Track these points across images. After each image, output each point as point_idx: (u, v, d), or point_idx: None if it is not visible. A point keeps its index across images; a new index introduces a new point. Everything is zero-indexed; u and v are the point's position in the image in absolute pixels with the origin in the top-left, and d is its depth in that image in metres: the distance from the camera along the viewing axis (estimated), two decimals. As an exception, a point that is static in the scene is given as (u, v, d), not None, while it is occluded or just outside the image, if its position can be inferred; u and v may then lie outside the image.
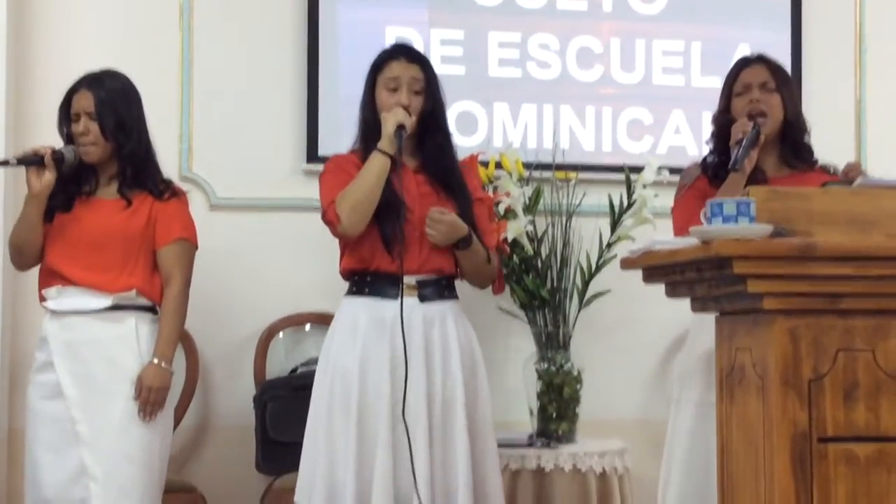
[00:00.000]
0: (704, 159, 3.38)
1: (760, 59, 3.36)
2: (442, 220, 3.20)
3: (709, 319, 3.06)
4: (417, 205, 3.24)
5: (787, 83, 3.33)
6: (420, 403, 3.14)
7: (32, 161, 3.24)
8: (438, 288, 3.28)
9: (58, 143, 3.36)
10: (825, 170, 3.32)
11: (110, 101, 3.31)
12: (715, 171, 3.29)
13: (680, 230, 3.18)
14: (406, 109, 3.22)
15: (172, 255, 3.34)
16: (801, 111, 3.36)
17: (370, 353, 3.18)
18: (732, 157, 3.09)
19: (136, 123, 3.35)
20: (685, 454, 3.20)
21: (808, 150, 3.35)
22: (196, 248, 3.43)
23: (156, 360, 3.25)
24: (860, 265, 2.30)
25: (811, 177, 3.22)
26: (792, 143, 3.32)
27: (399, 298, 3.17)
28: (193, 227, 3.42)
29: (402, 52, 3.35)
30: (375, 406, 3.14)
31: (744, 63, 3.36)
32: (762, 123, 3.18)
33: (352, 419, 3.14)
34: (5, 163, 3.29)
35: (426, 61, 3.36)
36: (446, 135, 3.36)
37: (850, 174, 3.11)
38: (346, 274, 3.33)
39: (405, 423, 3.09)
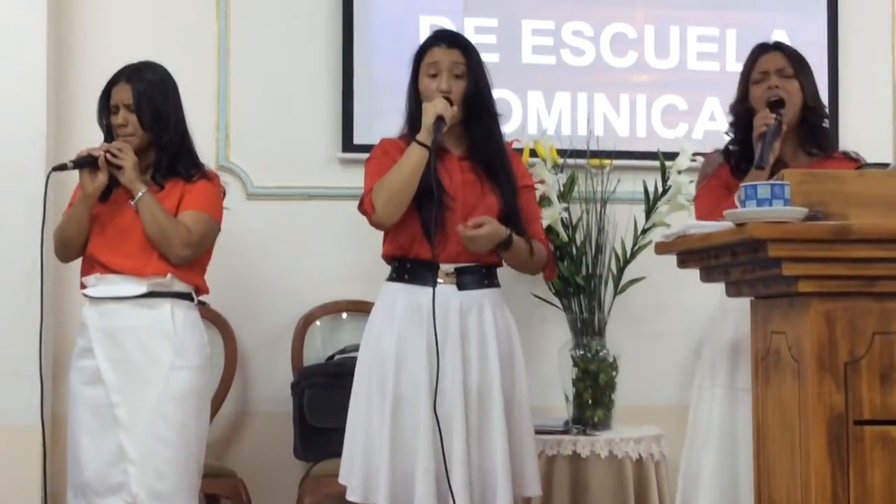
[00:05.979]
0: (726, 147, 3.34)
1: (777, 46, 3.32)
2: (477, 235, 3.15)
3: (731, 307, 3.06)
4: (460, 192, 3.23)
5: (804, 69, 3.27)
6: (456, 391, 3.15)
7: (87, 163, 3.29)
8: (478, 276, 3.26)
9: (98, 135, 3.40)
10: (846, 156, 3.28)
11: (148, 94, 3.34)
12: (737, 161, 3.24)
13: (703, 219, 3.14)
14: (447, 96, 3.20)
15: (189, 216, 3.31)
16: (818, 96, 3.30)
17: (407, 340, 3.18)
18: (757, 154, 3.03)
19: (173, 114, 3.38)
20: (716, 440, 3.18)
21: (826, 136, 3.30)
22: (218, 225, 3.40)
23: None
24: (896, 248, 2.29)
25: (830, 164, 3.18)
26: (810, 129, 3.27)
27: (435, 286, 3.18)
28: (217, 205, 3.40)
29: (443, 37, 3.34)
30: (412, 393, 3.15)
31: (760, 50, 3.31)
32: (783, 114, 3.12)
33: (387, 405, 3.15)
34: (63, 167, 3.33)
35: (467, 45, 3.32)
36: (493, 117, 3.32)
37: None
38: (388, 259, 3.33)
39: (436, 415, 3.09)
